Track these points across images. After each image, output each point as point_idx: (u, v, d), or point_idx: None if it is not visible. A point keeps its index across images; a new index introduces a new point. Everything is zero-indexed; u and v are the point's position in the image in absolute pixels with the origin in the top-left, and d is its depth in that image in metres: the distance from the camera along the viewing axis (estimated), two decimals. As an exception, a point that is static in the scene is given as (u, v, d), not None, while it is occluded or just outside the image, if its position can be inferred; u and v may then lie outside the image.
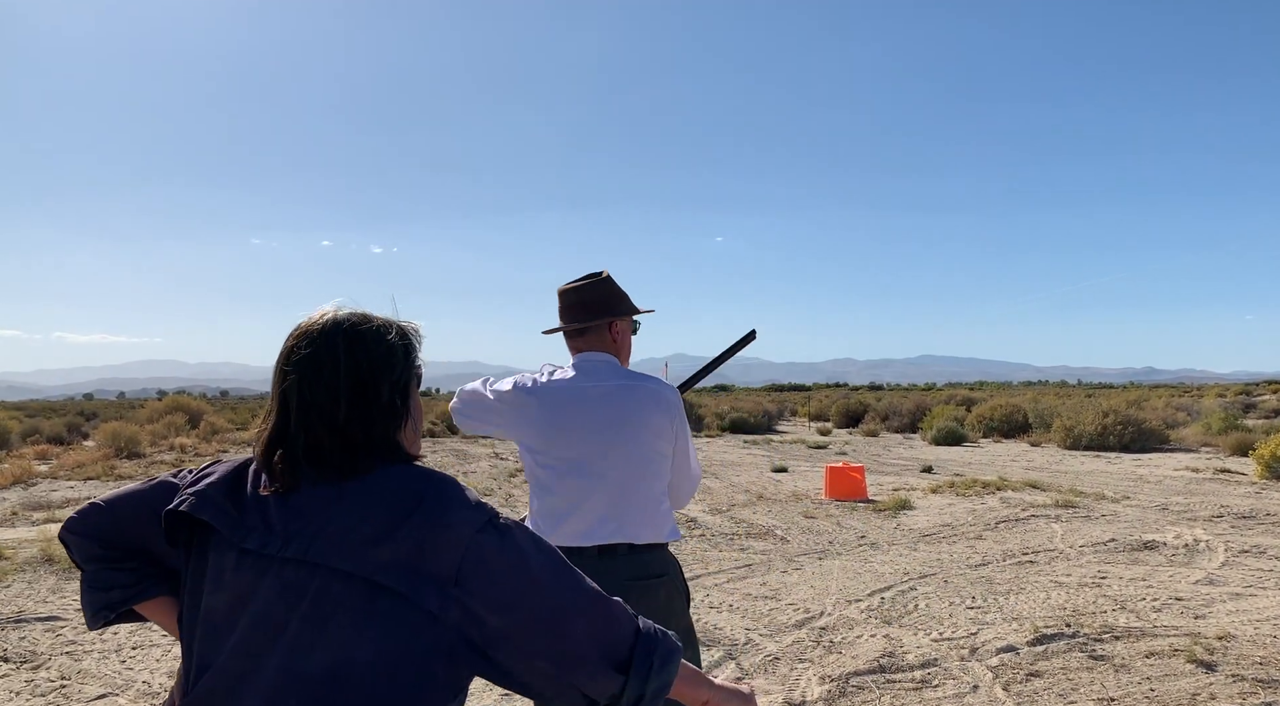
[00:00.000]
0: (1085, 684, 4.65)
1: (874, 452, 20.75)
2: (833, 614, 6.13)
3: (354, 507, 1.32)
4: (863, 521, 10.14)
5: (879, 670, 4.94)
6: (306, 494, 1.35)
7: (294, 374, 1.38)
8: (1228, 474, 14.63)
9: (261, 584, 1.31)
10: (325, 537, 1.30)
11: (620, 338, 2.66)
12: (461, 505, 1.34)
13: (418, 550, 1.28)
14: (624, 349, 2.68)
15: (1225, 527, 9.32)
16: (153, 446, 21.26)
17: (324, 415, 1.36)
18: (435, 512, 1.31)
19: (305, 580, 1.29)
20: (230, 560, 1.34)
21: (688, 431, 2.60)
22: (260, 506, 1.36)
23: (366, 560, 1.28)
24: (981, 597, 6.51)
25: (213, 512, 1.37)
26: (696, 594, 6.65)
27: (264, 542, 1.32)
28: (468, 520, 1.32)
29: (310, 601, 1.28)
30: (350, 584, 1.28)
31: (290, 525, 1.32)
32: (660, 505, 2.49)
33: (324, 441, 1.35)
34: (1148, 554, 8.03)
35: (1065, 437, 21.08)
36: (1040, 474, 15.01)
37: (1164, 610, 6.09)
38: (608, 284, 2.64)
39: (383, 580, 1.27)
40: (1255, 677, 4.66)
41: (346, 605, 1.28)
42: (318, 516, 1.32)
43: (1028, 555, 8.04)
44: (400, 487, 1.35)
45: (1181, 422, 24.09)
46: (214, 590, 1.34)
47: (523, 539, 1.35)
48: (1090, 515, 10.23)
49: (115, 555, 1.52)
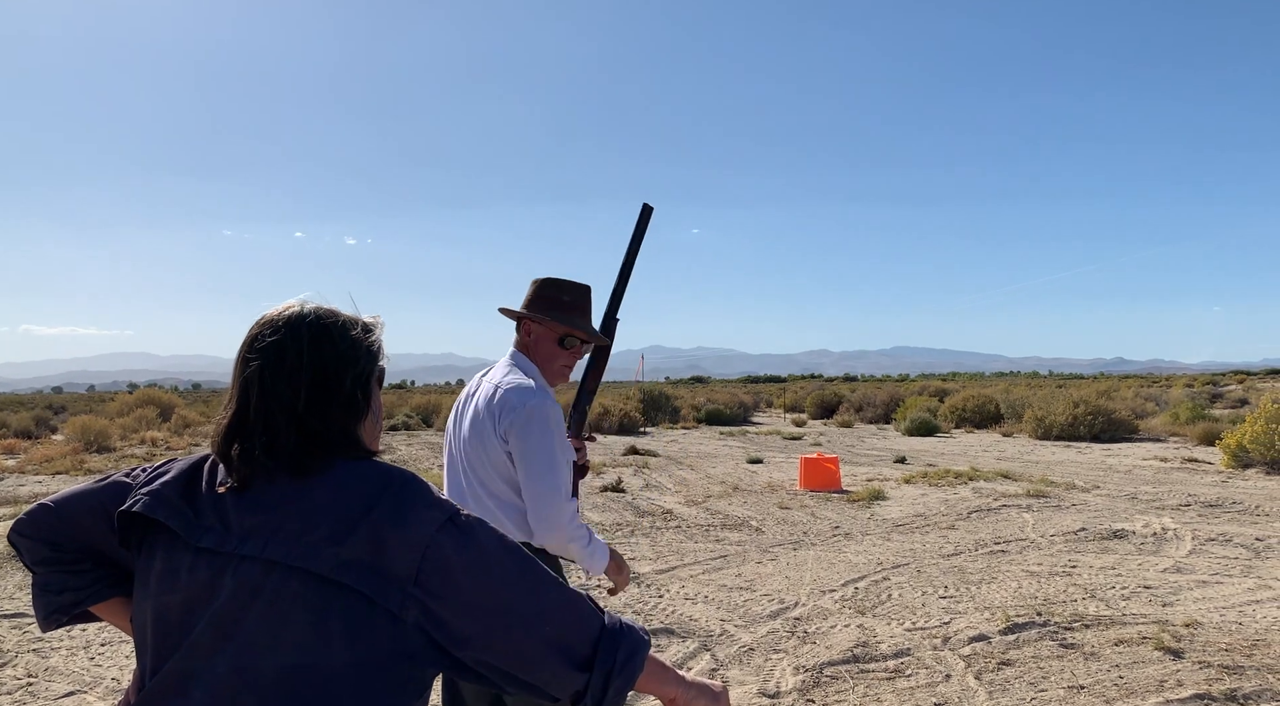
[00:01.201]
0: (1056, 672, 4.71)
1: (848, 443, 20.87)
2: (807, 604, 6.15)
3: (312, 504, 1.29)
4: (837, 512, 10.20)
5: (853, 660, 4.96)
6: (263, 489, 1.32)
7: (256, 361, 1.35)
8: (1195, 463, 14.84)
9: (218, 583, 1.27)
10: (283, 534, 1.27)
11: (535, 342, 2.61)
12: (421, 502, 1.31)
13: (377, 548, 1.25)
14: (538, 354, 2.61)
15: (1193, 516, 9.45)
16: (123, 440, 21.01)
17: (284, 404, 1.33)
18: (394, 509, 1.29)
19: (262, 578, 1.26)
20: (185, 560, 1.30)
21: (538, 445, 2.41)
22: (217, 504, 1.33)
23: (325, 558, 1.25)
24: (954, 587, 6.56)
25: (167, 512, 1.33)
26: (671, 585, 6.66)
27: (220, 540, 1.29)
28: (427, 518, 1.29)
29: (267, 600, 1.25)
30: (309, 582, 1.25)
31: (246, 522, 1.29)
32: (520, 507, 2.46)
33: (282, 432, 1.32)
34: (1117, 543, 8.13)
35: (1036, 428, 21.30)
36: (1012, 464, 15.15)
37: (1133, 598, 6.17)
38: (553, 289, 2.61)
39: (342, 578, 1.24)
40: (1221, 664, 4.73)
41: (305, 603, 1.25)
42: (275, 513, 1.29)
43: (999, 544, 8.11)
44: (359, 484, 1.32)
45: (1150, 413, 24.41)
46: (168, 590, 1.31)
47: (485, 537, 1.33)
48: (1061, 505, 10.34)
49: (66, 557, 1.48)
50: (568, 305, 2.60)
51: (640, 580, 6.83)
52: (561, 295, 2.60)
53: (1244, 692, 4.35)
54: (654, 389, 32.02)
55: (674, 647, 5.21)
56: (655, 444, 20.32)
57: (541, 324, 2.59)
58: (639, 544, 8.32)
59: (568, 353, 2.63)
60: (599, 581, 6.51)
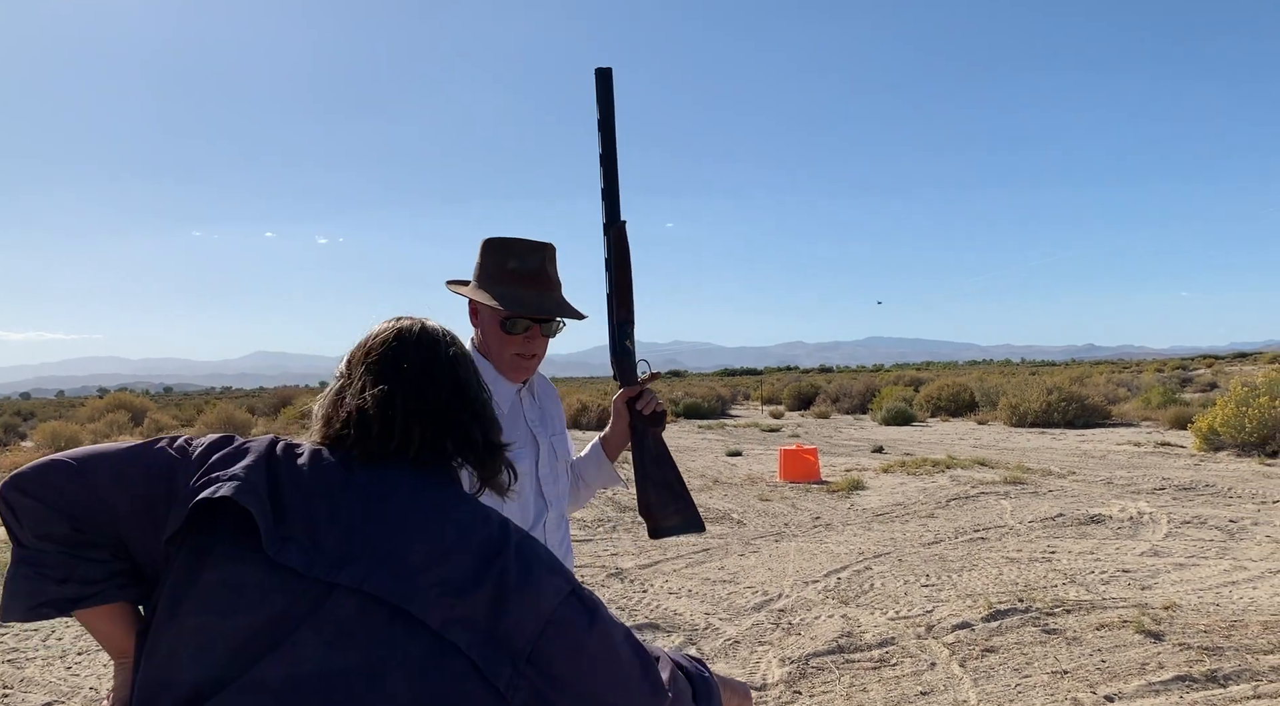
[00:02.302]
0: (1039, 657, 4.74)
1: (826, 434, 20.96)
2: (790, 595, 6.17)
3: (427, 533, 1.09)
4: (817, 503, 10.23)
5: (838, 650, 4.98)
6: (366, 501, 1.11)
7: (403, 361, 1.23)
8: (1168, 447, 15.03)
9: (296, 614, 1.03)
10: (393, 565, 1.05)
11: (479, 323, 2.09)
12: (542, 564, 1.12)
13: (496, 609, 1.05)
14: (486, 344, 2.07)
15: (1167, 499, 9.56)
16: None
17: (437, 402, 1.21)
18: (521, 566, 1.09)
19: (357, 618, 1.03)
20: (255, 575, 1.05)
21: None
22: (306, 510, 1.09)
23: (438, 607, 1.04)
24: (935, 575, 6.60)
25: (259, 506, 1.07)
26: (655, 580, 6.65)
27: (308, 560, 1.05)
28: (551, 585, 1.10)
29: (363, 648, 1.02)
30: (416, 633, 1.03)
31: (344, 540, 1.07)
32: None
33: (421, 432, 1.18)
34: (1094, 527, 8.21)
35: (1011, 415, 21.48)
36: (988, 451, 15.27)
37: (1112, 582, 6.23)
38: (498, 253, 2.04)
39: (453, 637, 1.03)
40: (1200, 646, 4.79)
41: (406, 659, 1.02)
42: (381, 535, 1.08)
43: (979, 532, 8.17)
44: (480, 524, 1.13)
45: (1122, 398, 24.70)
46: (224, 610, 1.04)
47: (608, 621, 1.15)
48: (1038, 491, 10.43)
49: (85, 538, 1.14)
50: (514, 275, 2.01)
51: (624, 575, 6.81)
52: (506, 261, 2.01)
53: (1223, 673, 4.40)
54: (631, 383, 31.98)
55: (659, 642, 5.20)
56: (634, 438, 20.29)
57: (478, 302, 2.04)
58: (621, 539, 8.31)
59: (517, 338, 2.01)
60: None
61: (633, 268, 2.25)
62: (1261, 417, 13.13)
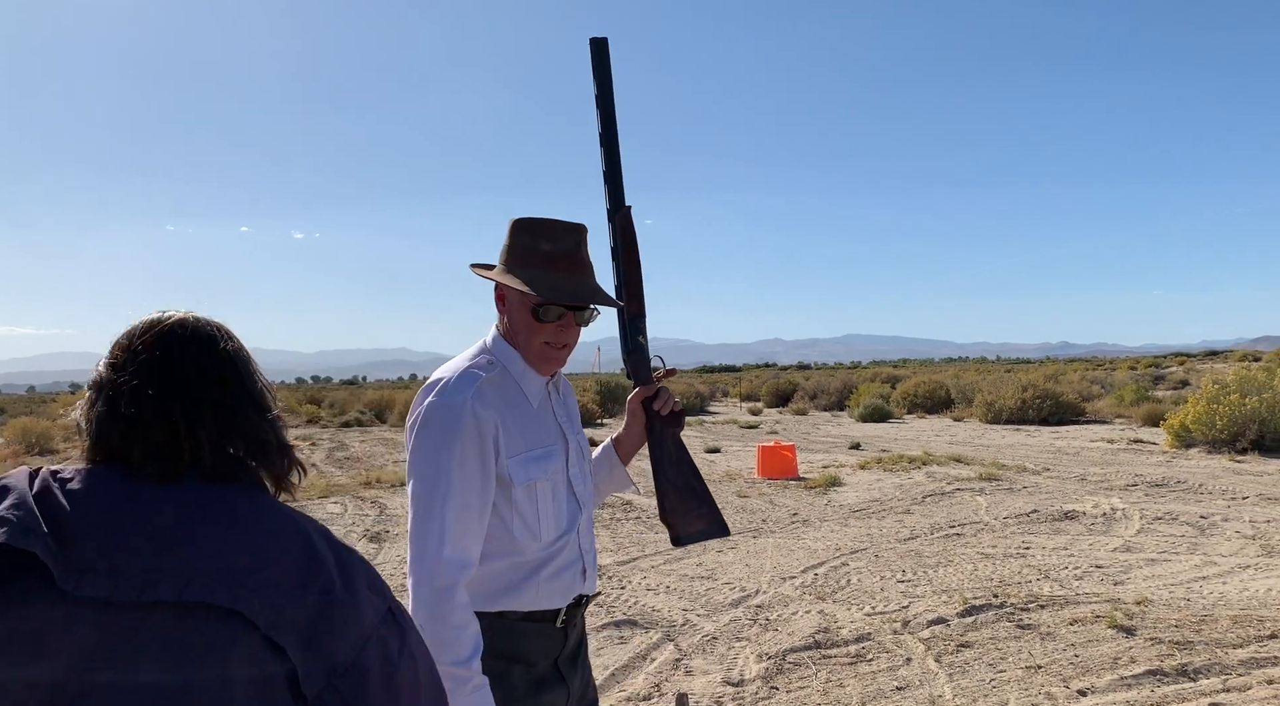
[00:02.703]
0: (1013, 652, 4.78)
1: (804, 431, 21.04)
2: (768, 592, 6.19)
3: (239, 541, 1.01)
4: (795, 499, 10.28)
5: (814, 646, 5.00)
6: (157, 518, 1.01)
7: (177, 363, 1.10)
8: (1140, 444, 15.19)
9: (111, 641, 0.94)
10: (210, 574, 0.97)
11: (508, 311, 1.90)
12: (363, 577, 1.07)
13: (320, 618, 1.00)
14: (516, 332, 1.88)
15: (1140, 496, 9.67)
16: (66, 441, 20.48)
17: (221, 405, 1.10)
18: (343, 577, 1.04)
19: (188, 629, 0.95)
20: (53, 614, 0.95)
21: (421, 467, 1.73)
22: (97, 537, 0.98)
23: (267, 609, 0.97)
24: (911, 571, 6.64)
25: (43, 545, 0.95)
26: (633, 576, 6.66)
27: (110, 586, 0.95)
28: (371, 603, 1.06)
29: (197, 659, 0.95)
30: (247, 637, 0.97)
31: (152, 560, 0.97)
32: None
33: (208, 439, 1.08)
34: (1068, 523, 8.29)
35: (986, 412, 21.65)
36: (964, 448, 15.39)
37: (1085, 578, 6.29)
38: (527, 235, 1.87)
39: (281, 640, 0.97)
40: (1171, 640, 4.85)
41: (244, 663, 0.96)
42: (188, 547, 0.99)
43: (954, 528, 8.23)
44: (289, 527, 1.06)
45: (1096, 395, 24.94)
46: (20, 659, 0.93)
47: (415, 644, 1.11)
48: (1013, 487, 10.52)
49: None
50: (547, 257, 1.84)
51: (602, 572, 6.81)
52: (539, 244, 1.84)
53: (1194, 667, 4.46)
54: (611, 380, 32.04)
55: (637, 639, 5.21)
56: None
57: (507, 287, 1.87)
58: (600, 536, 8.31)
59: (549, 327, 1.85)
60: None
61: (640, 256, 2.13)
62: (1232, 415, 13.31)
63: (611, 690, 4.44)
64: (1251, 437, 13.15)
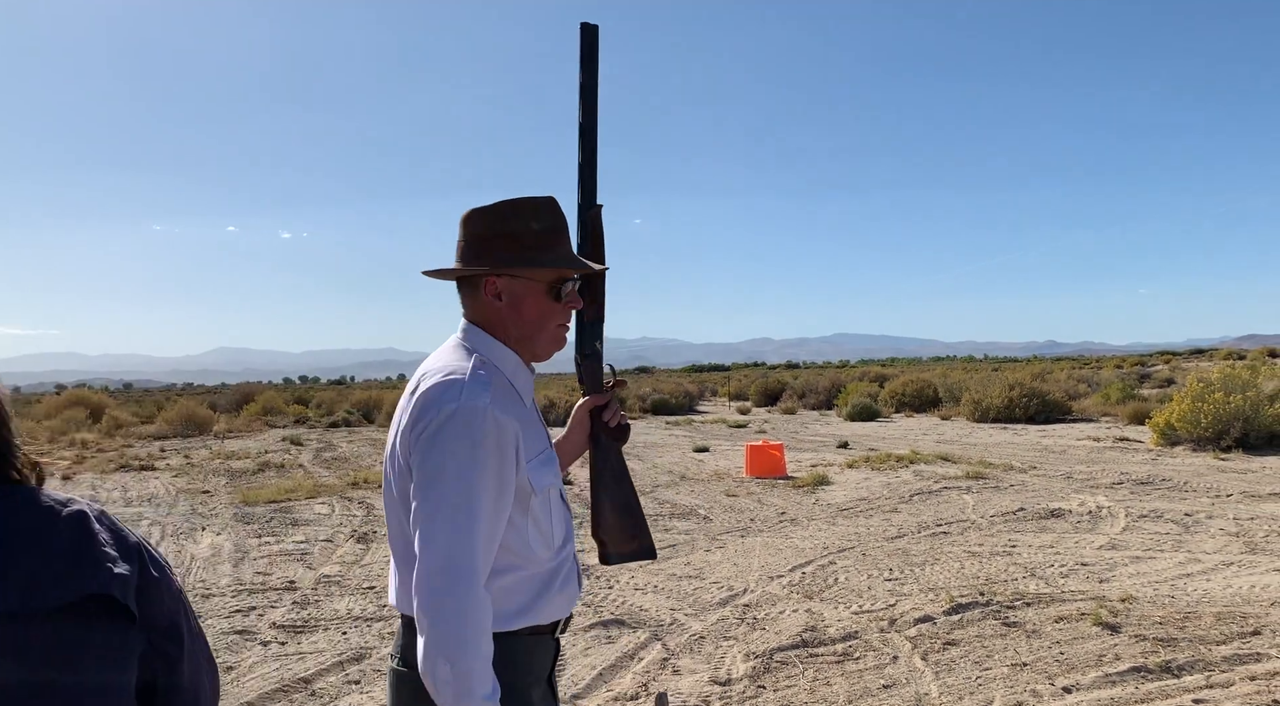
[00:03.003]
0: (999, 650, 4.81)
1: (792, 430, 21.08)
2: (756, 590, 6.20)
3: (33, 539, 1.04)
4: (783, 498, 10.30)
5: (802, 644, 5.01)
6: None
7: None
8: (1126, 442, 15.28)
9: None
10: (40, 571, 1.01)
11: (510, 306, 1.74)
12: (150, 554, 1.15)
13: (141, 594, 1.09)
14: (519, 322, 1.75)
15: (1125, 494, 9.73)
16: (52, 443, 20.36)
17: None
18: (150, 556, 1.13)
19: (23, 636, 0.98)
20: None
21: (442, 475, 1.57)
22: None
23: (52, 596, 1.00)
24: (898, 569, 6.67)
25: None
26: (621, 576, 6.66)
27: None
28: (171, 578, 1.15)
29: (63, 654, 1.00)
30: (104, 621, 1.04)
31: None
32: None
33: None
34: (1054, 521, 8.34)
35: (974, 411, 21.74)
36: (951, 446, 15.45)
37: (1071, 576, 6.33)
38: (514, 219, 1.73)
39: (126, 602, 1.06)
40: (1155, 637, 4.88)
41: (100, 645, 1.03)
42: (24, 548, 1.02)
43: (941, 526, 8.27)
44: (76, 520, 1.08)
45: (1082, 394, 25.08)
46: None
47: (196, 619, 1.20)
48: (999, 486, 10.57)
49: None
50: (543, 236, 1.74)
51: (589, 572, 6.81)
52: (530, 223, 1.73)
53: (1178, 664, 4.49)
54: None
55: (625, 638, 5.21)
56: (601, 435, 20.29)
57: (518, 276, 1.73)
58: (585, 536, 8.30)
59: (564, 306, 1.77)
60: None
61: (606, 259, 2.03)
62: (1216, 413, 13.40)
63: (599, 690, 4.44)
64: (1235, 436, 13.24)
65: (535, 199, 1.76)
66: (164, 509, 10.46)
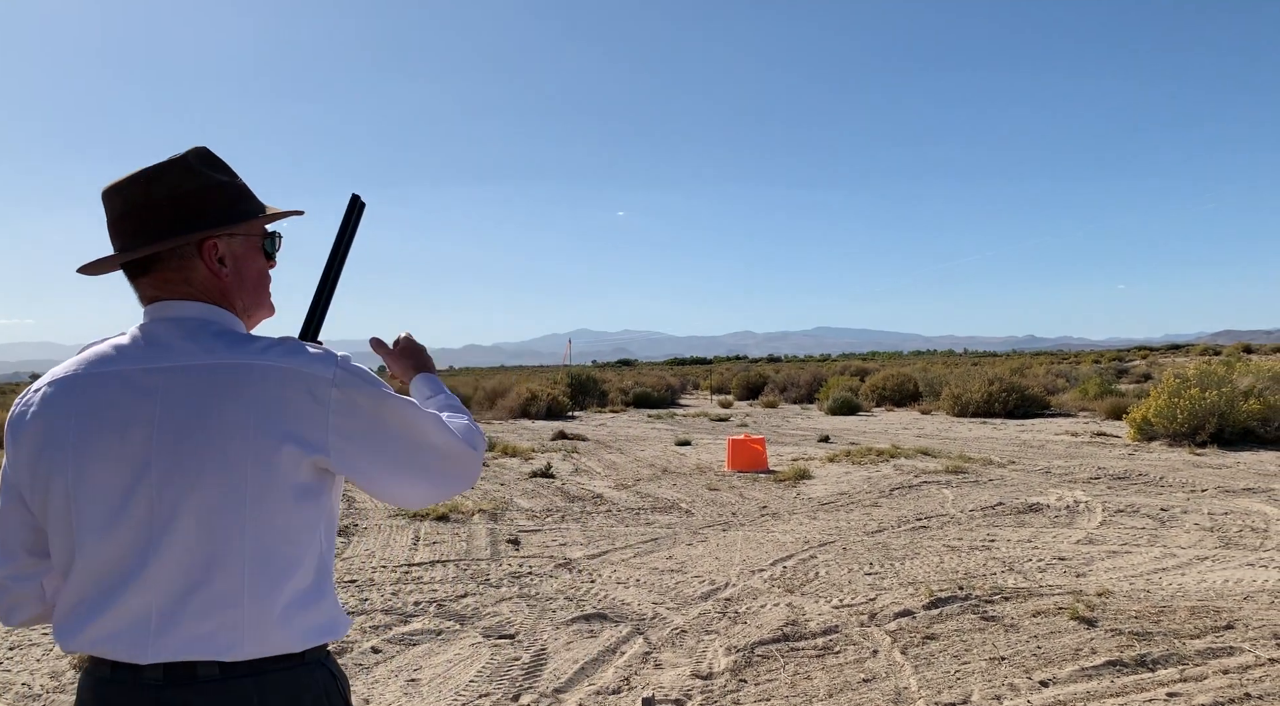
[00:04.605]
0: (978, 644, 4.85)
1: (774, 424, 21.15)
2: (737, 584, 6.23)
3: None
4: (764, 492, 10.34)
5: (783, 638, 5.04)
6: None
7: None
8: (1104, 437, 15.43)
9: None
10: None
11: (231, 270, 1.52)
12: None
13: None
14: (246, 287, 1.55)
15: (1102, 489, 9.83)
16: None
17: None
18: None
19: None
20: None
21: (392, 407, 1.44)
22: None
23: None
24: (879, 564, 6.71)
25: None
26: (603, 570, 6.67)
27: None
28: None
29: None
30: None
31: None
32: (288, 582, 1.39)
33: None
34: (1033, 516, 8.41)
35: (954, 405, 21.88)
36: (931, 441, 15.55)
37: (1049, 570, 6.39)
38: (181, 169, 1.47)
39: None
40: (1131, 631, 4.94)
41: None
42: None
43: (921, 521, 8.33)
44: None
45: (1061, 389, 25.29)
46: None
47: None
48: (979, 480, 10.66)
49: None
50: (243, 188, 1.56)
51: (572, 565, 6.82)
52: (220, 175, 1.52)
53: (1153, 657, 4.54)
54: (581, 372, 31.99)
55: (607, 632, 5.22)
56: (584, 428, 20.31)
57: (237, 234, 1.52)
58: (570, 529, 8.31)
59: (272, 262, 1.62)
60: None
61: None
62: (1192, 408, 13.55)
63: (581, 684, 4.46)
64: (1211, 431, 13.40)
65: (208, 152, 1.53)
66: None
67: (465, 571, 6.67)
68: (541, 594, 6.07)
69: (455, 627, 5.39)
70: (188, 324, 1.45)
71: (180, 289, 1.48)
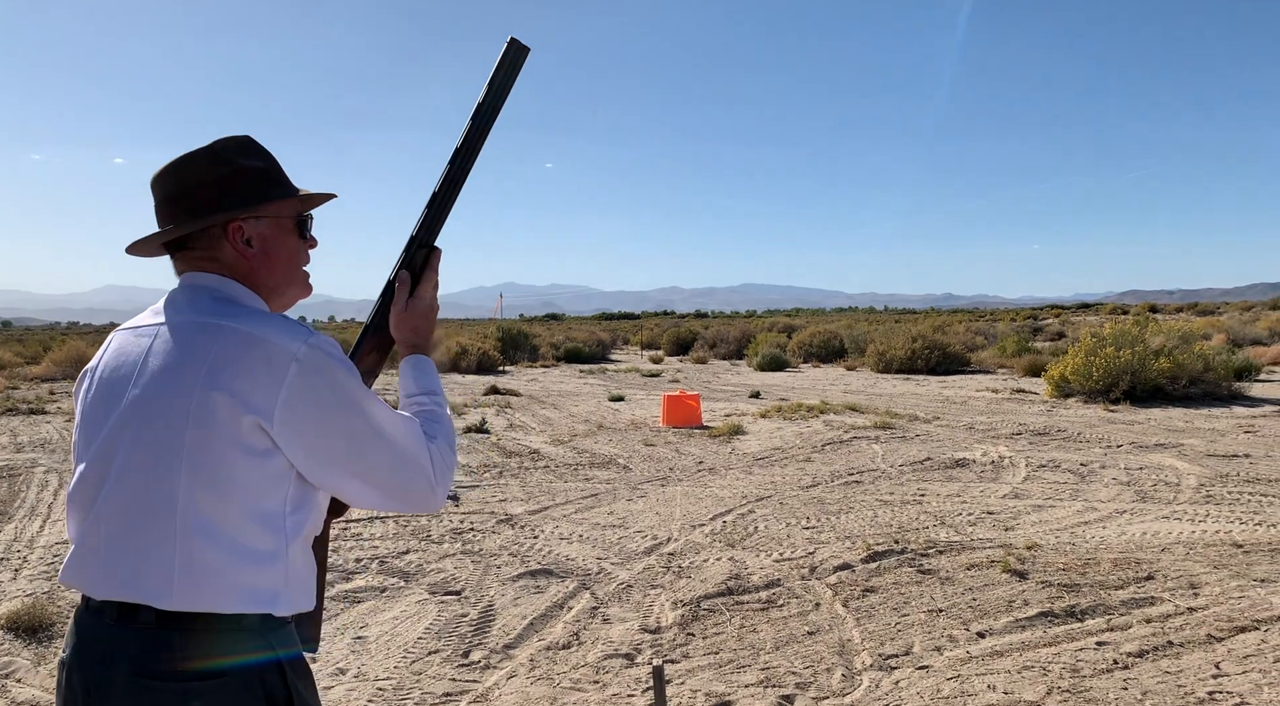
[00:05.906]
0: (916, 597, 5.01)
1: (704, 379, 21.34)
2: (679, 539, 6.30)
3: None
4: (699, 447, 10.45)
5: (727, 592, 5.13)
6: None
7: None
8: (1023, 393, 15.95)
9: None
10: None
11: (261, 253, 1.58)
12: None
13: None
14: (274, 268, 1.60)
15: (1024, 444, 10.18)
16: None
17: None
18: None
19: None
20: None
21: (346, 399, 1.43)
22: None
23: None
24: (815, 518, 6.86)
25: None
26: (545, 525, 6.68)
27: None
28: None
29: None
30: None
31: None
32: (228, 538, 1.39)
33: None
34: (960, 471, 8.68)
35: (878, 362, 22.35)
36: (858, 397, 15.88)
37: (978, 524, 6.61)
38: (209, 157, 1.55)
39: None
40: (1060, 583, 5.15)
41: None
42: None
43: (854, 475, 8.52)
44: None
45: (980, 346, 26.02)
46: None
47: None
48: (906, 436, 10.93)
49: None
50: (272, 173, 1.61)
51: (514, 521, 6.81)
52: (252, 161, 1.58)
53: (1081, 608, 4.75)
54: (512, 327, 31.73)
55: (554, 588, 5.24)
56: (516, 383, 20.19)
57: (263, 216, 1.58)
58: (509, 485, 8.29)
59: (308, 244, 1.67)
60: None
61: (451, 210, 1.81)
62: (1107, 367, 14.08)
63: (530, 639, 4.47)
64: (1124, 388, 13.95)
65: (237, 137, 1.60)
66: (60, 455, 10.01)
67: (405, 528, 6.61)
68: (485, 550, 6.06)
69: (400, 584, 5.35)
70: (197, 290, 1.55)
71: (209, 266, 1.58)
